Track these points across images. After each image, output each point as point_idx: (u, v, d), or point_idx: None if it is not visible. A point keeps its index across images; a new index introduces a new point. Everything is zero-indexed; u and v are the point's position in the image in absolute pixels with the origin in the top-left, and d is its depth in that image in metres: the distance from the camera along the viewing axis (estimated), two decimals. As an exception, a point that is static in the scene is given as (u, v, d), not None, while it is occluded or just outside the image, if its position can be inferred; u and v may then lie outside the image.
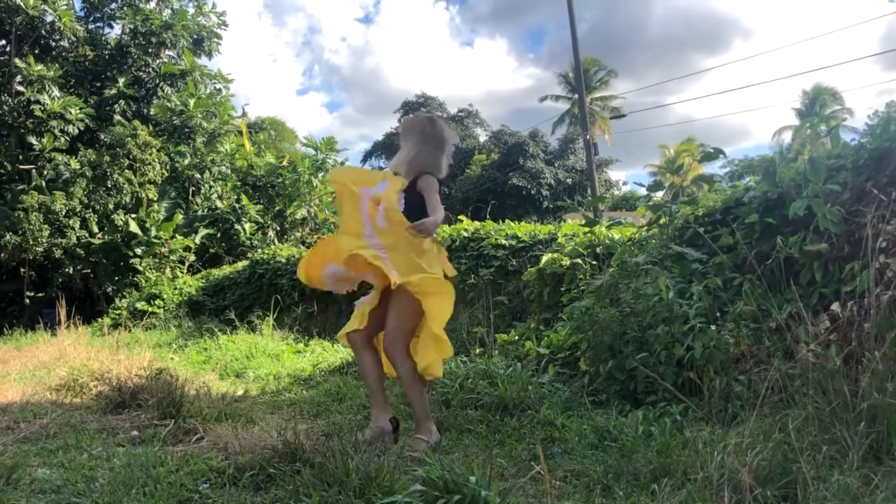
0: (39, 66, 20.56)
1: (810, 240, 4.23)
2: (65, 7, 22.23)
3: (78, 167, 19.20)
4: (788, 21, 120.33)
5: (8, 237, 17.63)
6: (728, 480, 2.55)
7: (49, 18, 21.80)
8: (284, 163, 21.25)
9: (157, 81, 22.66)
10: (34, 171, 20.50)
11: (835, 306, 3.74)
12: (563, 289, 6.57)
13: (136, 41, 22.72)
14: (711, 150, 5.50)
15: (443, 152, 4.16)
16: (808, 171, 4.43)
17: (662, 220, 5.62)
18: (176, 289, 16.29)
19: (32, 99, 20.29)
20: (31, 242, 17.67)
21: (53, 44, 22.56)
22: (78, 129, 20.99)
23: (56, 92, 20.82)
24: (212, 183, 21.35)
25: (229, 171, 21.53)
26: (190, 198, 21.28)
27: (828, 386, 3.05)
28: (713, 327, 4.24)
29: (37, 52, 21.75)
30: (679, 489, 2.69)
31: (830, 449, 2.77)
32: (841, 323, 3.57)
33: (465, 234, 9.19)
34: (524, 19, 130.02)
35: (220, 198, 21.29)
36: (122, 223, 18.46)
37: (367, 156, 52.80)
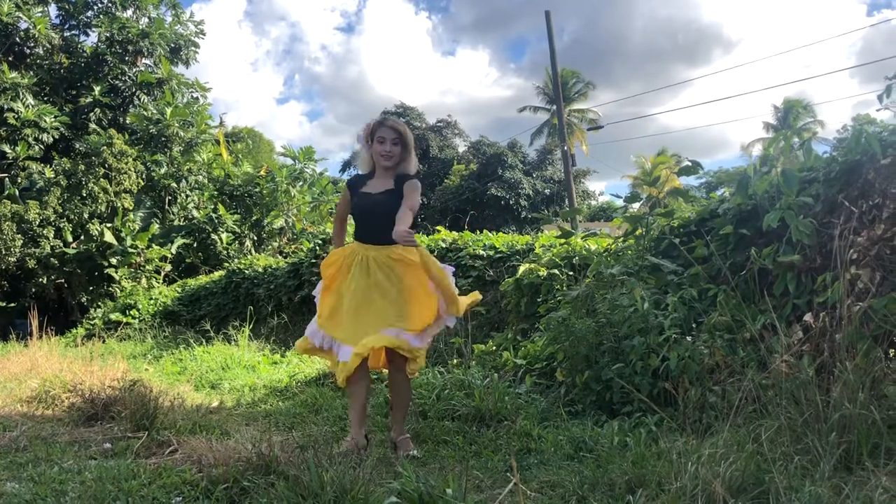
0: (13, 74, 20.34)
1: (783, 251, 4.28)
2: (40, 14, 22.07)
3: (52, 176, 19.01)
4: (770, 33, 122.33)
5: (-21, 247, 17.40)
6: (702, 491, 2.56)
7: (23, 25, 21.65)
8: (262, 172, 21.18)
9: (134, 90, 22.53)
10: (7, 179, 20.25)
11: (807, 317, 3.78)
12: (539, 299, 6.59)
13: (113, 49, 22.59)
14: (689, 163, 5.55)
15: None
16: (781, 184, 4.48)
17: (638, 232, 5.67)
18: (151, 299, 16.14)
19: (6, 107, 20.06)
20: (3, 252, 17.44)
21: (28, 51, 22.37)
22: (52, 137, 20.79)
23: (30, 100, 20.60)
24: (188, 192, 21.23)
25: (206, 181, 21.42)
26: (166, 207, 21.13)
27: (800, 396, 3.08)
28: (688, 338, 4.27)
29: (11, 59, 21.53)
30: (653, 500, 2.70)
31: (802, 459, 2.79)
32: (813, 334, 3.61)
33: (443, 245, 9.20)
34: (506, 30, 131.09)
35: (196, 207, 21.16)
36: (97, 233, 18.28)
37: (346, 165, 52.65)
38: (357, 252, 4.17)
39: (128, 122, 21.67)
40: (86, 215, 18.40)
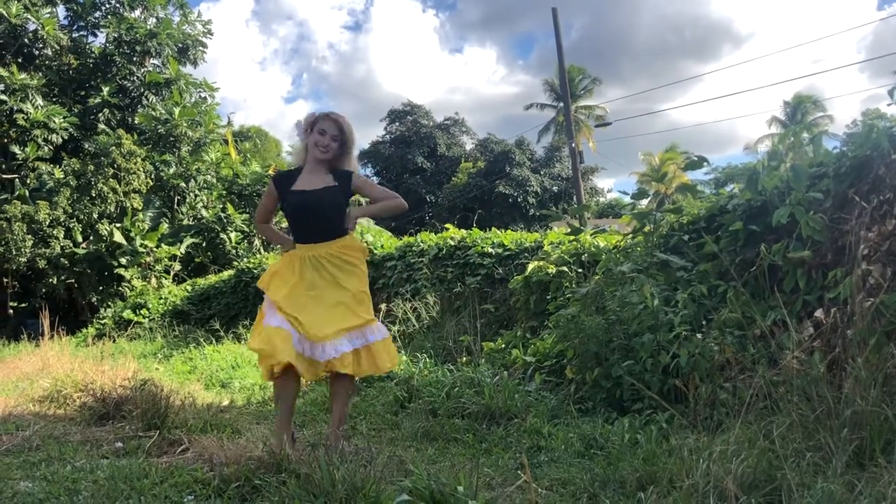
0: (22, 75, 20.41)
1: (794, 247, 4.26)
2: (48, 16, 22.13)
3: (62, 176, 19.09)
4: (779, 28, 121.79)
5: (-9, 247, 17.49)
6: (713, 488, 2.55)
7: (32, 27, 21.69)
8: (270, 171, 21.21)
9: (142, 90, 22.59)
10: (17, 180, 20.36)
11: (818, 313, 3.77)
12: (549, 297, 6.58)
13: (121, 50, 22.65)
14: (696, 159, 5.53)
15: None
16: (790, 179, 4.46)
17: (647, 228, 5.65)
18: (161, 298, 16.21)
19: (15, 108, 20.13)
20: (14, 252, 17.52)
21: (37, 52, 22.44)
22: (62, 138, 20.85)
23: (39, 101, 20.67)
24: (197, 192, 21.29)
25: (215, 180, 21.47)
26: (175, 207, 21.20)
27: (812, 393, 3.07)
28: (698, 335, 4.25)
29: (20, 60, 21.60)
30: (665, 497, 2.69)
31: (814, 455, 2.78)
32: (824, 330, 3.60)
33: (452, 243, 9.19)
34: (513, 27, 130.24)
35: (205, 207, 21.22)
36: (106, 233, 18.35)
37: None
38: (299, 254, 4.03)
39: (136, 122, 21.74)
40: (95, 215, 18.47)
